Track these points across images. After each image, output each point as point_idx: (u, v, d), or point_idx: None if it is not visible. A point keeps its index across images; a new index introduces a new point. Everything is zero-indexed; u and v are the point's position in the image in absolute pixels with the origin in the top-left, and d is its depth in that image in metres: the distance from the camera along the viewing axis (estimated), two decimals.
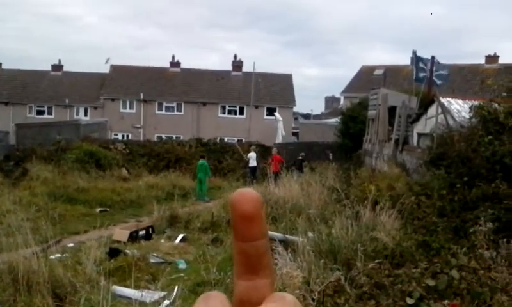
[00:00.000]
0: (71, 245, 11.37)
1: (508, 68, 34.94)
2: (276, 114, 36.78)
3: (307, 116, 57.59)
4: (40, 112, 41.47)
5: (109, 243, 10.63)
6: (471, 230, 8.16)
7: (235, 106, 41.53)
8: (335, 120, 35.41)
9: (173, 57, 44.86)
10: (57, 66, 44.90)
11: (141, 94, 40.89)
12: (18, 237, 7.67)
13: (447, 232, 8.92)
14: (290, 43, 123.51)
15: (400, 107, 21.05)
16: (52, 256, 8.68)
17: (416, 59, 22.66)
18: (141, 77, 42.41)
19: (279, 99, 41.55)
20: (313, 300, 5.79)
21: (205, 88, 41.71)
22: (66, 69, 44.96)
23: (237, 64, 44.14)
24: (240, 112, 41.40)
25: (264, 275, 0.51)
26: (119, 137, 37.18)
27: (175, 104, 41.62)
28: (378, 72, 40.22)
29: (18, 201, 13.54)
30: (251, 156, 23.98)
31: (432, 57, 22.30)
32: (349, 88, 44.13)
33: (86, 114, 41.16)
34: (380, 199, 11.06)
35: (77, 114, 41.22)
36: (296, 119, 47.13)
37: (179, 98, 41.49)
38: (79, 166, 20.90)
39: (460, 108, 17.19)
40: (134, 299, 6.56)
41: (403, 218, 10.32)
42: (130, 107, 41.58)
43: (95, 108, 41.65)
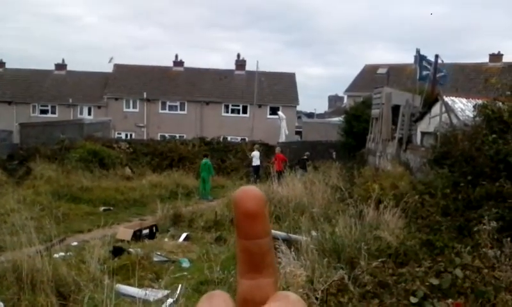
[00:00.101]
0: (75, 244, 11.40)
1: None
2: (279, 112, 36.71)
3: (310, 115, 57.55)
4: (44, 112, 41.55)
5: (112, 242, 10.64)
6: (475, 229, 8.14)
7: (239, 105, 41.51)
8: (338, 119, 35.38)
9: (176, 56, 44.86)
10: (61, 66, 44.96)
11: (145, 94, 40.93)
12: (22, 236, 7.70)
13: (450, 231, 8.90)
14: (291, 43, 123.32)
15: (404, 106, 21.02)
16: (56, 255, 8.72)
17: (420, 58, 22.64)
18: (145, 76, 42.43)
19: (282, 98, 41.50)
20: (316, 299, 5.78)
21: (208, 87, 41.70)
22: (68, 68, 45.09)
23: (240, 63, 44.10)
24: (244, 111, 41.38)
25: (268, 274, 0.51)
26: (122, 136, 37.23)
27: (178, 103, 41.64)
28: (381, 71, 40.16)
29: (22, 200, 13.61)
30: (255, 155, 23.99)
31: (436, 56, 22.27)
32: (353, 87, 44.06)
33: (89, 114, 41.24)
34: (384, 198, 11.04)
35: (81, 113, 41.31)
36: (300, 118, 47.08)
37: (182, 97, 41.50)
38: (82, 165, 20.95)
39: (464, 107, 17.17)
40: (137, 298, 6.57)
41: (407, 217, 10.29)
42: (134, 106, 41.63)
43: (99, 107, 41.72)
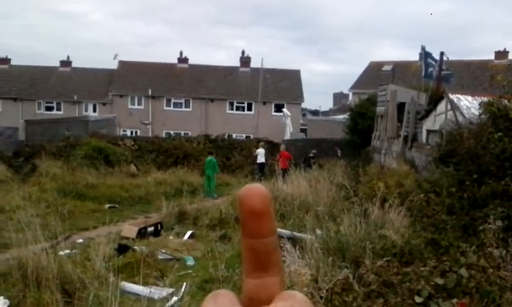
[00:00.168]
0: (80, 241, 11.44)
1: None
2: (284, 109, 36.64)
3: (315, 112, 57.51)
4: (49, 108, 41.72)
5: (117, 239, 10.65)
6: (480, 228, 8.11)
7: (243, 102, 41.49)
8: (343, 116, 35.31)
9: (180, 53, 44.88)
10: (66, 63, 45.09)
11: (149, 91, 40.98)
12: (27, 233, 7.72)
13: (456, 230, 8.87)
14: (297, 40, 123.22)
15: (409, 104, 20.95)
16: (61, 252, 8.74)
17: (425, 55, 22.54)
18: (149, 73, 42.47)
19: (287, 95, 41.45)
20: (321, 298, 5.78)
21: (213, 84, 41.70)
22: (74, 65, 45.19)
23: (245, 60, 44.06)
24: (249, 109, 41.36)
25: (273, 272, 0.51)
26: (127, 133, 37.30)
27: (183, 100, 41.67)
28: (387, 68, 40.07)
29: (28, 197, 13.66)
30: (260, 152, 23.96)
31: (442, 53, 22.18)
32: (358, 84, 43.97)
33: (94, 110, 41.35)
34: (389, 196, 11.00)
35: (86, 110, 41.43)
36: (304, 115, 47.02)
37: (187, 94, 41.52)
38: (87, 162, 20.99)
39: (469, 104, 17.09)
40: (142, 296, 6.58)
41: (412, 216, 10.26)
42: (139, 103, 41.70)
43: (104, 104, 41.82)
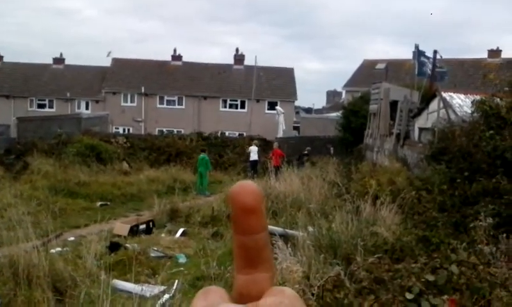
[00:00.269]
0: (71, 239, 11.39)
1: (511, 62, 34.87)
2: (277, 107, 36.67)
3: (309, 110, 57.51)
4: (41, 106, 41.50)
5: (109, 237, 10.65)
6: (471, 225, 8.17)
7: (237, 100, 41.46)
8: (336, 114, 35.39)
9: (174, 50, 44.77)
10: (59, 60, 44.86)
11: (142, 88, 40.86)
12: (18, 231, 7.67)
13: (447, 227, 8.92)
14: (290, 37, 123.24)
15: (402, 102, 21.02)
16: (52, 250, 8.71)
17: (419, 53, 22.60)
18: (142, 70, 42.34)
19: (280, 93, 41.46)
20: (312, 294, 5.79)
21: (207, 82, 41.62)
22: (67, 62, 44.98)
23: (239, 57, 44.00)
24: (242, 106, 41.32)
25: (264, 269, 0.51)
26: (120, 130, 37.16)
27: (176, 98, 41.57)
28: (380, 66, 40.13)
29: (19, 194, 13.57)
30: (252, 150, 23.95)
31: (435, 52, 22.26)
32: (351, 82, 44.02)
33: (87, 108, 41.17)
34: (381, 193, 11.05)
35: (78, 107, 41.25)
36: (298, 113, 47.05)
37: (180, 92, 41.43)
38: (80, 160, 20.89)
39: (462, 102, 17.17)
40: (134, 293, 6.56)
41: (403, 213, 10.31)
42: (132, 101, 41.56)
43: (96, 102, 41.66)
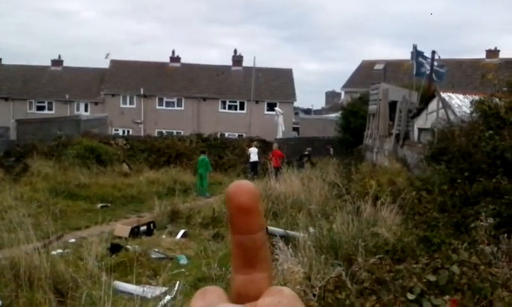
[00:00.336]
0: (72, 240, 11.39)
1: (509, 62, 34.91)
2: (276, 108, 36.64)
3: (308, 111, 57.58)
4: (40, 108, 41.44)
5: (110, 238, 10.63)
6: (472, 225, 8.17)
7: (236, 101, 41.44)
8: (335, 115, 35.39)
9: (173, 52, 44.70)
10: (57, 62, 44.76)
11: (141, 90, 40.82)
12: (19, 233, 7.68)
13: (447, 227, 8.92)
14: (289, 38, 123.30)
15: (401, 102, 21.04)
16: (53, 252, 8.70)
17: (417, 54, 22.63)
18: (141, 72, 42.30)
19: (279, 94, 41.45)
20: (314, 295, 5.79)
21: (205, 83, 41.61)
22: (65, 64, 44.92)
23: (237, 59, 43.97)
24: (241, 108, 41.31)
25: (262, 268, 0.52)
26: (119, 132, 37.13)
27: (175, 99, 41.55)
28: (379, 67, 40.20)
29: (20, 196, 13.57)
30: (252, 151, 23.94)
31: (433, 52, 22.27)
32: (350, 83, 44.03)
33: (86, 110, 41.12)
34: (381, 194, 11.05)
35: (78, 109, 41.20)
36: (297, 114, 47.07)
37: (179, 93, 41.41)
38: (79, 162, 20.89)
39: (461, 103, 17.20)
40: (135, 295, 6.57)
41: (404, 213, 10.32)
42: (131, 103, 41.52)
43: (95, 103, 41.61)
